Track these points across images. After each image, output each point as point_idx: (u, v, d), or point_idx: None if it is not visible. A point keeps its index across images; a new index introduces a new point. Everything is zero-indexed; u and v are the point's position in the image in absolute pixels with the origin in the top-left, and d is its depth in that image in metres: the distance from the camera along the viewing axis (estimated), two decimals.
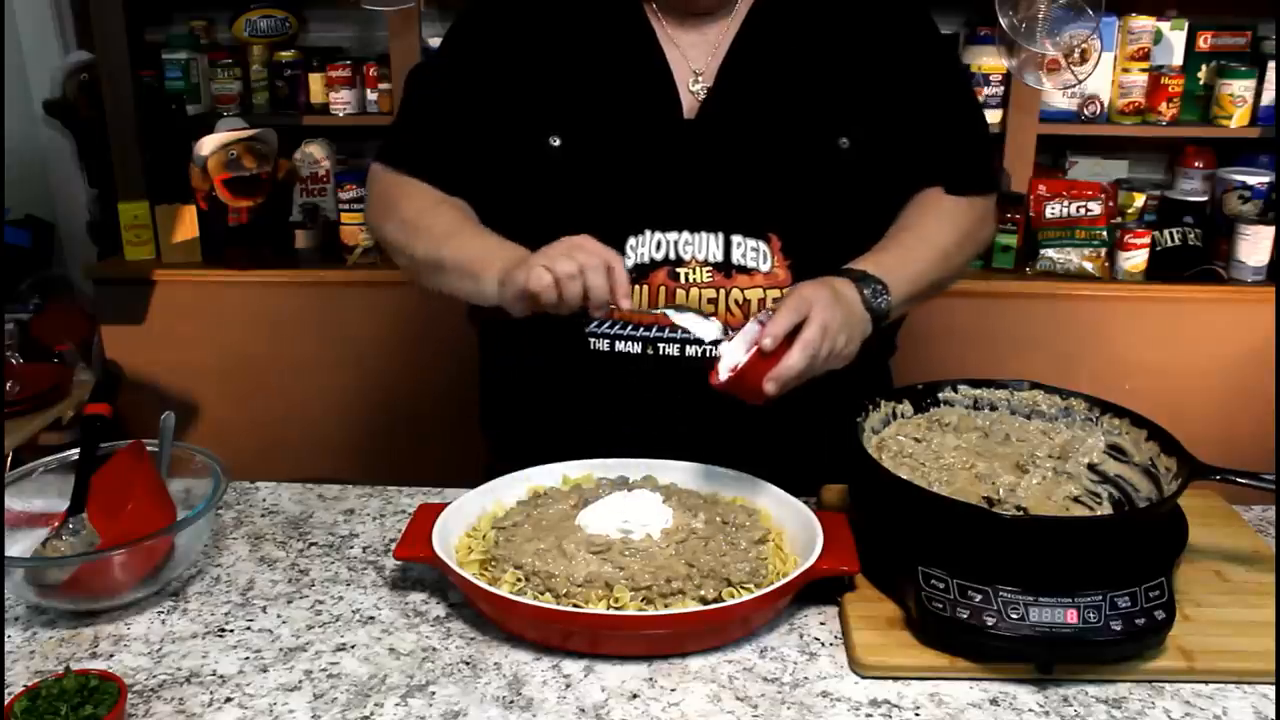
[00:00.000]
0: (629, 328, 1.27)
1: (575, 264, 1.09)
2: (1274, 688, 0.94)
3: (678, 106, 1.29)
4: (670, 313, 1.17)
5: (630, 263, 1.26)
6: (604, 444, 1.25)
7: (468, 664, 0.97)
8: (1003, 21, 2.42)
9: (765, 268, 1.26)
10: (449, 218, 1.29)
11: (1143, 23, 2.64)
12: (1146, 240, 2.57)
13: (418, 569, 1.11)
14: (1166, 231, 2.58)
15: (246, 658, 0.98)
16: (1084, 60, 2.55)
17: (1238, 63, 2.66)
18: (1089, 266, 2.58)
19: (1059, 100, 2.68)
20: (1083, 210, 2.60)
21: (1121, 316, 2.57)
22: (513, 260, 1.16)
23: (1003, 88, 2.65)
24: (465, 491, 1.15)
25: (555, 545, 1.04)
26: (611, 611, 0.97)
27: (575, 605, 0.98)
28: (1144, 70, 2.66)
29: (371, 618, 1.04)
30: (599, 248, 1.11)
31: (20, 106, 2.95)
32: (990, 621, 0.93)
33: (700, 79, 1.29)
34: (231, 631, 1.02)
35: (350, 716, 0.90)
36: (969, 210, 1.35)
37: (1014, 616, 0.93)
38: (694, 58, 1.30)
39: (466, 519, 1.12)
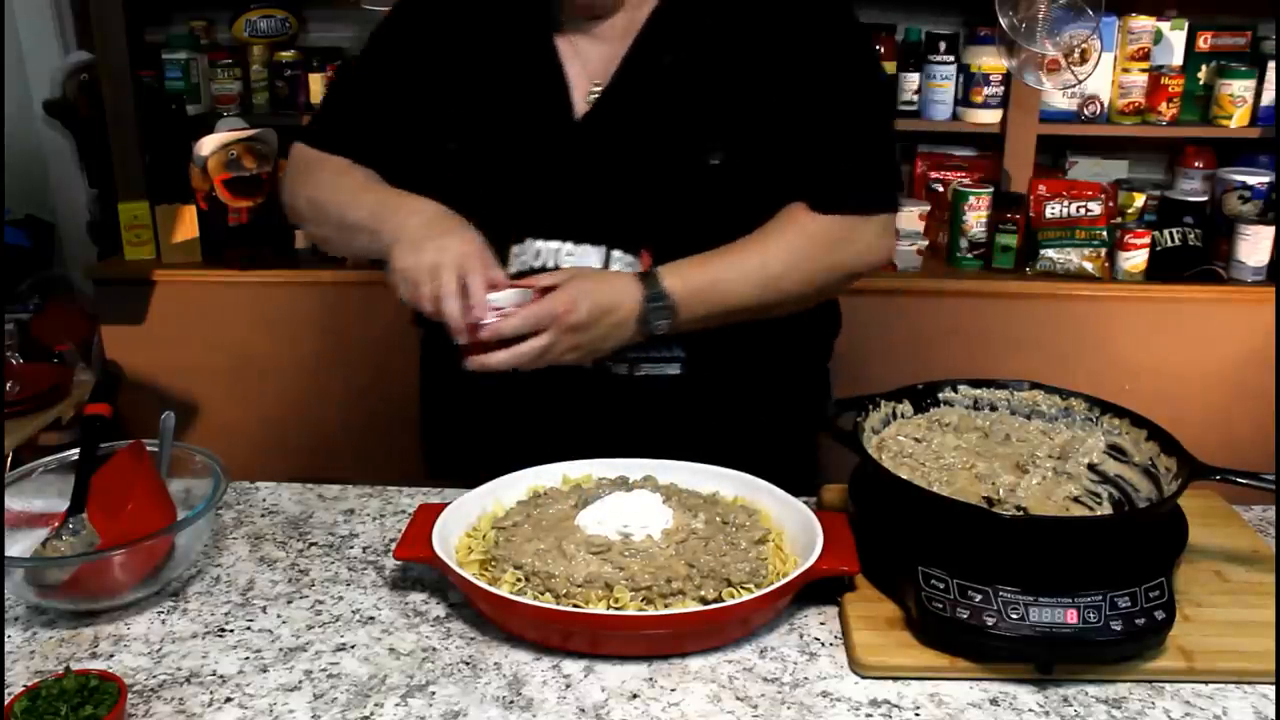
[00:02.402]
0: None
1: (430, 290, 1.13)
2: (1274, 688, 0.94)
3: (568, 113, 1.27)
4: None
5: (512, 270, 1.26)
6: (539, 456, 1.24)
7: (468, 664, 0.97)
8: (1003, 21, 2.42)
9: None
10: (356, 179, 1.32)
11: (1143, 23, 2.65)
12: (1146, 240, 2.57)
13: (418, 569, 1.11)
14: (1166, 231, 2.58)
15: (246, 658, 0.98)
16: (1084, 60, 2.55)
17: (1238, 63, 2.66)
18: (1089, 266, 2.58)
19: (1059, 100, 2.68)
20: (1083, 210, 2.61)
21: (1121, 316, 2.57)
22: (405, 229, 1.19)
23: (1003, 88, 2.65)
24: (465, 491, 1.15)
25: (555, 545, 1.04)
26: (611, 612, 0.97)
27: (575, 605, 0.98)
28: (1144, 70, 2.66)
29: (371, 618, 1.04)
30: (459, 260, 1.14)
31: (20, 106, 2.95)
32: (990, 621, 0.93)
33: (598, 87, 1.28)
34: (231, 631, 1.02)
35: (350, 716, 0.90)
36: (827, 230, 1.26)
37: (1014, 616, 0.93)
38: (594, 66, 1.28)
39: (466, 519, 1.12)
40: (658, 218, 1.26)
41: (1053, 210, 2.61)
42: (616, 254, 1.25)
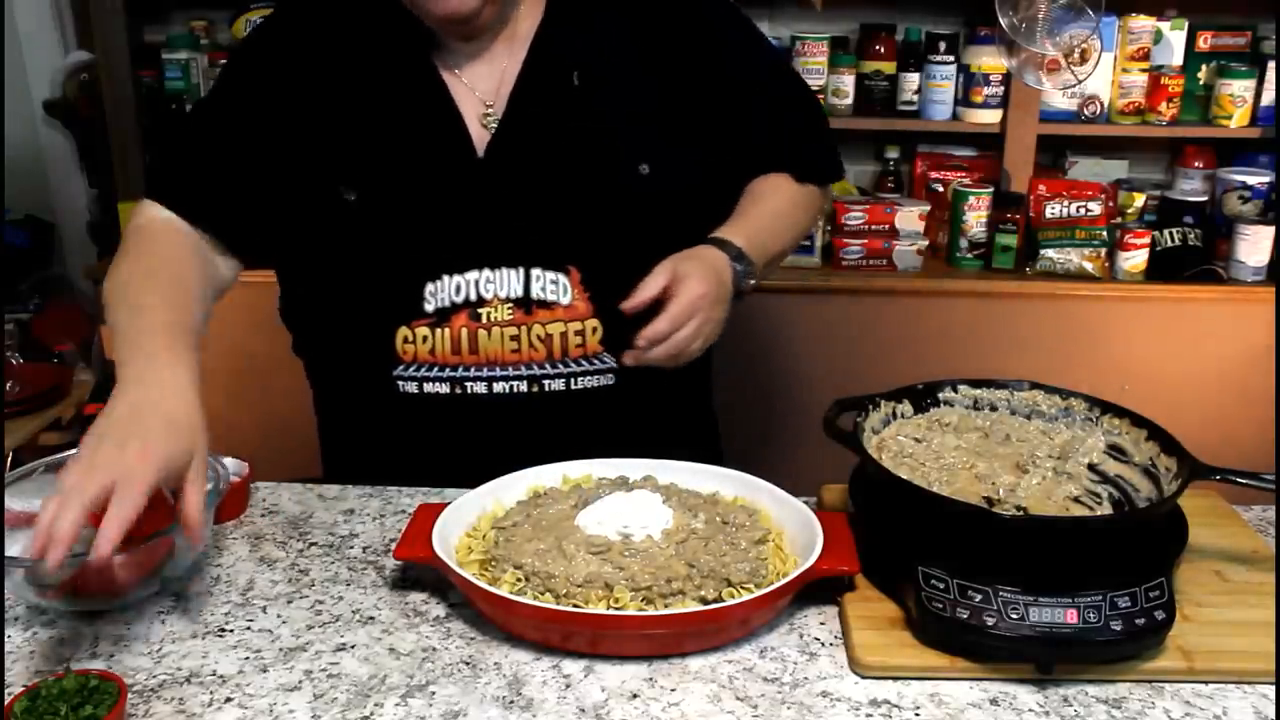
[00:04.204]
0: (435, 369, 1.26)
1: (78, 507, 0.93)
2: (1274, 688, 0.94)
3: (468, 143, 1.25)
4: None
5: (430, 307, 1.24)
6: (419, 482, 1.28)
7: (468, 664, 0.97)
8: (1003, 21, 2.42)
9: (565, 300, 1.24)
10: (158, 294, 1.18)
11: (1143, 23, 2.64)
12: (1146, 240, 2.57)
13: (418, 569, 1.11)
14: (1166, 231, 2.58)
15: (246, 658, 0.98)
16: (1084, 60, 2.55)
17: (1238, 63, 2.66)
18: (1089, 266, 2.58)
19: (1059, 100, 2.68)
20: (1083, 210, 2.61)
21: (1121, 317, 2.57)
22: (115, 406, 1.02)
23: (1003, 88, 2.65)
24: (465, 491, 1.15)
25: (555, 545, 1.04)
26: (611, 612, 0.97)
27: (575, 605, 0.98)
28: (1144, 70, 2.66)
29: (371, 618, 1.04)
30: (114, 480, 0.94)
31: (20, 106, 2.95)
32: (990, 621, 0.93)
33: (491, 111, 1.26)
34: (231, 631, 1.02)
35: (350, 716, 0.90)
36: (812, 192, 1.40)
37: (1014, 616, 0.93)
38: (483, 90, 1.26)
39: (466, 519, 1.12)
40: (583, 233, 1.25)
41: (1053, 210, 2.61)
42: (536, 272, 1.24)
